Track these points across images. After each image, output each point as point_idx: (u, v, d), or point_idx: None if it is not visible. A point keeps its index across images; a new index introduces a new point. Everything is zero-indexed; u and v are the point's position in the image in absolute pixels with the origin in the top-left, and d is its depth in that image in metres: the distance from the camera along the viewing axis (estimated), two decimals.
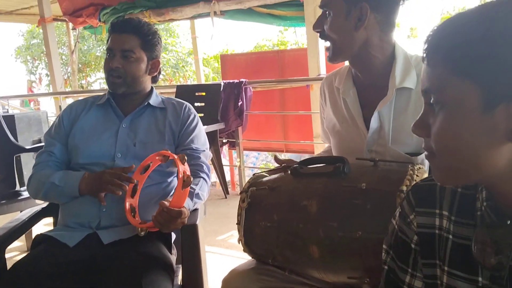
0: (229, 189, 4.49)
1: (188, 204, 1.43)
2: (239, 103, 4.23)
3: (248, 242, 1.25)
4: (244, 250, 1.28)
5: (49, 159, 1.63)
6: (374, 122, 1.28)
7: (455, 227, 0.74)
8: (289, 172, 1.24)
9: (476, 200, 0.72)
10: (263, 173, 1.34)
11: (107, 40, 1.68)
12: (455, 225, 0.75)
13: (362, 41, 1.25)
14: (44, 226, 2.70)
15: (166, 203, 1.35)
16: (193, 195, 1.51)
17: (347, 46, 1.27)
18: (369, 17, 1.22)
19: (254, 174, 1.36)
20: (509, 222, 0.66)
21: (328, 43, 1.31)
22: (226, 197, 4.30)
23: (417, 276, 0.81)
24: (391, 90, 1.25)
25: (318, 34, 1.32)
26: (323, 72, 4.35)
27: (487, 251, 0.67)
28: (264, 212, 1.21)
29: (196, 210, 1.55)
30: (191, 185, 1.40)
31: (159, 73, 1.77)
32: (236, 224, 1.27)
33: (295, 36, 17.97)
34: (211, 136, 3.89)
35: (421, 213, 0.79)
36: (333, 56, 1.31)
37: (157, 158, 1.50)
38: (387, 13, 1.25)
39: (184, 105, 1.75)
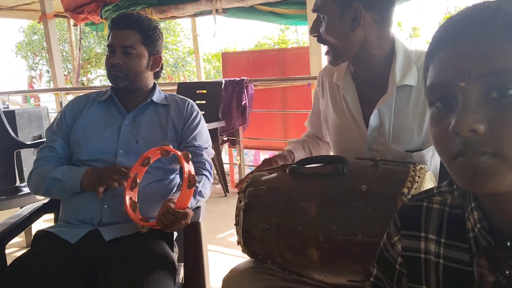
0: (229, 187, 4.49)
1: (191, 202, 1.42)
2: (243, 102, 4.22)
3: (247, 243, 1.24)
4: (243, 251, 1.27)
5: (50, 155, 1.63)
6: (373, 120, 1.27)
7: (446, 250, 0.70)
8: (287, 171, 1.22)
9: (466, 220, 0.68)
10: (262, 173, 1.33)
11: (108, 36, 1.67)
12: (446, 248, 0.70)
13: (360, 42, 1.24)
14: (43, 222, 2.70)
15: (172, 204, 1.35)
16: (195, 193, 1.50)
17: (346, 48, 1.25)
18: (364, 17, 1.20)
19: (251, 173, 1.35)
20: (509, 243, 0.61)
21: (326, 47, 1.30)
22: (226, 195, 4.30)
23: None
24: (391, 87, 1.24)
25: (316, 38, 1.31)
26: None
27: (484, 272, 0.63)
28: (262, 214, 1.19)
29: (198, 207, 1.55)
30: None
31: (161, 68, 1.77)
32: (234, 225, 1.25)
33: (296, 34, 17.97)
34: (212, 134, 3.84)
35: (406, 236, 0.75)
36: (334, 59, 1.29)
37: (157, 151, 1.48)
38: (383, 10, 1.23)
39: (187, 102, 1.75)
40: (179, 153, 1.39)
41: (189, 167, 1.37)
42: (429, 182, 1.11)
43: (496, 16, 0.57)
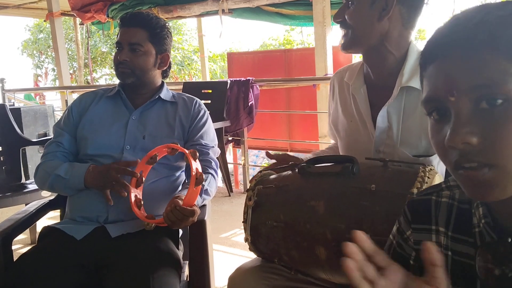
0: (232, 187, 4.49)
1: (197, 200, 1.42)
2: (250, 102, 4.22)
3: (254, 241, 1.23)
4: (250, 249, 1.27)
5: (57, 150, 1.64)
6: (381, 121, 1.26)
7: (453, 244, 0.72)
8: (296, 170, 1.22)
9: (473, 216, 0.70)
10: (270, 171, 1.33)
11: (118, 35, 1.68)
12: (452, 241, 0.72)
13: (381, 33, 1.22)
14: (48, 219, 2.70)
15: (179, 201, 1.35)
16: (202, 191, 1.50)
17: (366, 35, 1.23)
18: (393, 9, 1.19)
19: (260, 171, 1.35)
20: (510, 239, 0.63)
21: (343, 32, 1.27)
22: (229, 195, 4.30)
23: None
24: (397, 88, 1.23)
25: (339, 25, 1.28)
26: (330, 72, 4.35)
27: (488, 267, 0.65)
28: (270, 211, 1.19)
29: (204, 206, 1.55)
30: None
31: (169, 67, 1.77)
32: (243, 222, 1.25)
33: (301, 35, 17.99)
34: (217, 133, 3.87)
35: (418, 229, 0.76)
36: (349, 44, 1.27)
37: (164, 149, 1.49)
38: (412, 8, 1.22)
39: (195, 101, 1.76)
40: (187, 151, 1.40)
41: (196, 165, 1.37)
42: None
43: (478, 30, 0.58)
